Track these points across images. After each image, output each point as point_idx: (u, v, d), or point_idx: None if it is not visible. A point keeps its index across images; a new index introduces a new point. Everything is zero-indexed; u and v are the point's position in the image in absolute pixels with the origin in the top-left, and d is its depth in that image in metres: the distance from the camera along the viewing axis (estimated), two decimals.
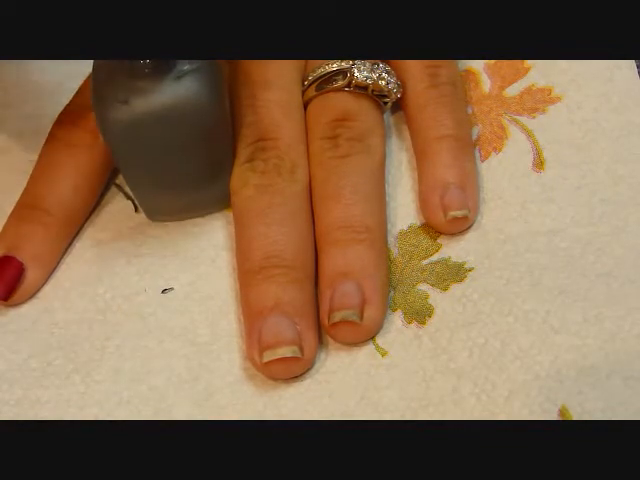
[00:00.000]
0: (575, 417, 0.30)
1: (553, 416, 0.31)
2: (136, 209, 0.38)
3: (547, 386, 0.31)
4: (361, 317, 0.33)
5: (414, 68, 0.38)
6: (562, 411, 0.31)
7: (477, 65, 0.41)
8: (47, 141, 0.38)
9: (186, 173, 0.35)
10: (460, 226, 0.36)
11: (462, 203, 0.36)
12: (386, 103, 0.38)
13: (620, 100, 0.39)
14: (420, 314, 0.34)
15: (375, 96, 0.37)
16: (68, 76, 0.42)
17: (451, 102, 0.37)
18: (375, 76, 0.37)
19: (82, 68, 0.38)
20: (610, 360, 0.31)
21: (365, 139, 0.36)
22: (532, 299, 0.34)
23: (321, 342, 0.34)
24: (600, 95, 0.39)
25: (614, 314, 0.33)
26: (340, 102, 0.37)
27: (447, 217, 0.35)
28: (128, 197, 0.39)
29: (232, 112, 0.36)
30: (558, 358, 0.32)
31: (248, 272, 0.34)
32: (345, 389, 0.33)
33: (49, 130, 0.38)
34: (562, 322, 0.33)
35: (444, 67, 0.38)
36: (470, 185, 0.36)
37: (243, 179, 0.36)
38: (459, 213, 0.35)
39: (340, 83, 0.37)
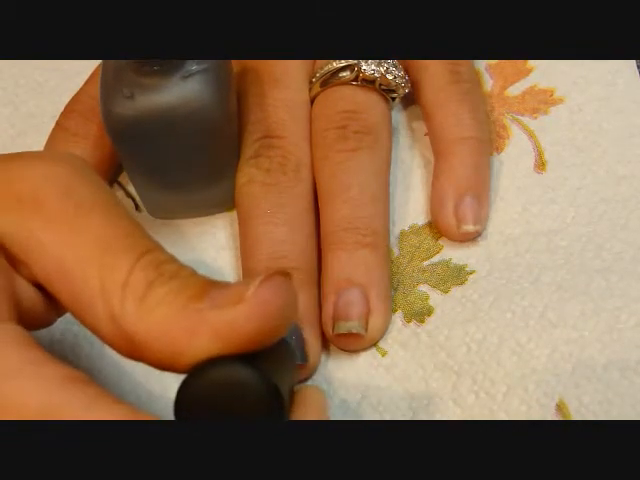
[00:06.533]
0: (572, 411, 0.31)
1: (551, 411, 0.31)
2: (137, 208, 0.38)
3: (544, 380, 0.31)
4: (366, 328, 0.33)
5: (434, 65, 0.38)
6: (559, 405, 0.31)
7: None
8: (53, 131, 0.37)
9: (188, 173, 0.35)
10: (468, 237, 0.36)
11: (476, 217, 0.35)
12: (394, 99, 0.38)
13: (621, 102, 0.39)
14: (420, 314, 0.34)
15: (382, 91, 0.37)
16: (68, 76, 0.42)
17: (472, 101, 0.37)
18: (382, 70, 0.37)
19: (83, 67, 0.38)
20: (607, 352, 0.31)
21: (373, 133, 0.36)
22: (531, 295, 0.34)
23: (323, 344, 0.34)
24: (602, 97, 0.39)
25: (612, 306, 0.33)
26: (348, 95, 0.37)
27: (460, 230, 0.35)
28: (129, 195, 0.39)
29: (240, 110, 0.36)
30: (555, 351, 0.32)
31: (253, 272, 0.34)
32: (345, 389, 0.33)
33: (51, 128, 0.38)
34: (560, 316, 0.33)
35: (464, 65, 0.38)
36: (485, 194, 0.36)
37: (248, 175, 0.36)
38: (471, 228, 0.35)
39: (347, 77, 0.37)
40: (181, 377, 0.24)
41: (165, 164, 0.34)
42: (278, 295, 0.24)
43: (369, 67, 0.37)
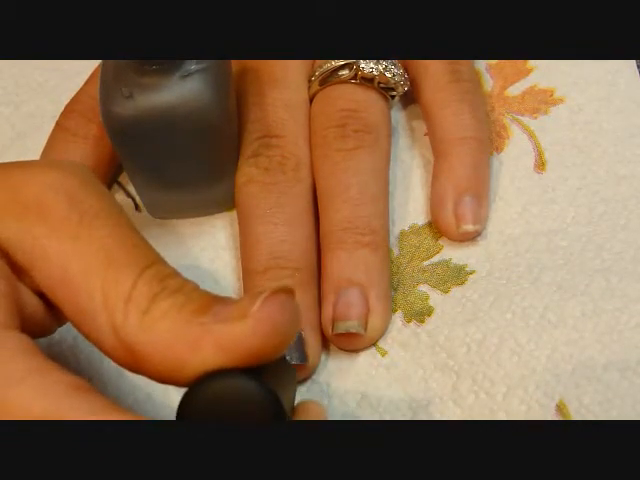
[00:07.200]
0: (572, 412, 0.31)
1: (551, 411, 0.31)
2: (137, 207, 0.38)
3: (544, 380, 0.31)
4: (365, 328, 0.33)
5: (434, 64, 0.37)
6: (559, 406, 0.31)
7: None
8: (54, 131, 0.37)
9: (188, 172, 0.35)
10: (468, 237, 0.36)
11: (476, 217, 0.35)
12: (393, 97, 0.38)
13: (621, 103, 0.39)
14: (420, 314, 0.34)
15: (381, 89, 0.37)
16: (68, 76, 0.42)
17: (472, 100, 0.37)
18: (381, 68, 0.37)
19: (83, 67, 0.38)
20: (607, 353, 0.31)
21: (373, 132, 0.36)
22: (531, 296, 0.33)
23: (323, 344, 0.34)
24: (602, 98, 0.39)
25: (612, 307, 0.33)
26: (347, 93, 0.37)
27: (460, 230, 0.35)
28: (129, 195, 0.39)
29: (239, 109, 0.36)
30: (555, 352, 0.32)
31: (253, 272, 0.34)
32: (345, 389, 0.33)
33: (51, 128, 0.38)
34: (560, 317, 0.33)
35: (464, 65, 0.38)
36: (485, 194, 0.36)
37: (247, 175, 0.36)
38: (471, 228, 0.35)
39: (346, 75, 0.37)
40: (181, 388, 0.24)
41: (165, 164, 0.34)
42: (282, 312, 0.24)
43: (368, 65, 0.37)
